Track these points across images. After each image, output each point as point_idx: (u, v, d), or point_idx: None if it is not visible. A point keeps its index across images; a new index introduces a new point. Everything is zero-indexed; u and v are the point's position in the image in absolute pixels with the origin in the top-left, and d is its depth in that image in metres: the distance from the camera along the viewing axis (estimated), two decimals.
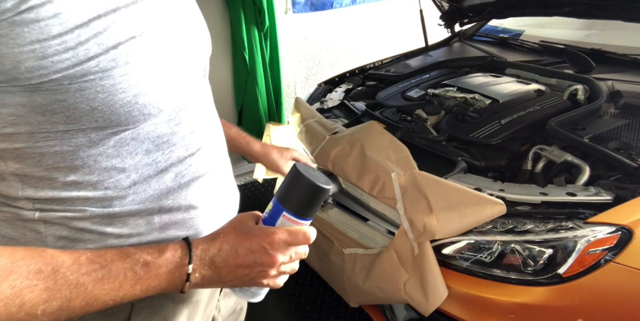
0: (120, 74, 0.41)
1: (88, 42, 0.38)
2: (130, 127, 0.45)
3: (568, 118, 1.28)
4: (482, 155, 1.26)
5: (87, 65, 0.39)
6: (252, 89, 2.34)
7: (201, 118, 0.56)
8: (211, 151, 0.59)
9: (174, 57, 0.48)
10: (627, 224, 0.95)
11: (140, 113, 0.45)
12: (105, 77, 0.40)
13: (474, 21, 2.24)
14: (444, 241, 1.07)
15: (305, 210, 0.51)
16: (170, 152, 0.51)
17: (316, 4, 2.59)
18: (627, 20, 1.57)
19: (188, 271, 0.46)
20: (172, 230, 0.55)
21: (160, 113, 0.47)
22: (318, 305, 1.65)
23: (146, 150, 0.49)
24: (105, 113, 0.42)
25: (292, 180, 0.50)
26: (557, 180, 1.11)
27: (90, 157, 0.45)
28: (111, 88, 0.41)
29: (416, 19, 2.09)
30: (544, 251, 0.99)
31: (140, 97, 0.43)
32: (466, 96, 1.57)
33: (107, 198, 0.49)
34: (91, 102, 0.40)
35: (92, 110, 0.41)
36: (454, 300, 1.05)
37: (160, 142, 0.50)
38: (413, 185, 1.12)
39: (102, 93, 0.40)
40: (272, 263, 0.49)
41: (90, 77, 0.39)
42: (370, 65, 2.12)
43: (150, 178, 0.51)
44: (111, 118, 0.42)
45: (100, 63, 0.39)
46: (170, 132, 0.50)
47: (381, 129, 1.35)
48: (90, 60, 0.39)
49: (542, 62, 1.81)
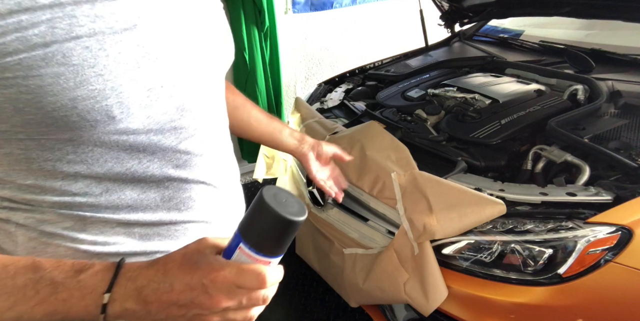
0: (51, 75, 0.37)
1: (7, 36, 0.35)
2: (83, 134, 0.41)
3: (568, 118, 1.28)
4: (482, 155, 1.26)
5: (5, 60, 0.35)
6: (252, 89, 2.34)
7: (200, 132, 0.52)
8: (210, 163, 0.55)
9: (160, 66, 0.44)
10: (627, 224, 0.95)
11: (83, 119, 0.40)
12: (29, 76, 0.36)
13: (474, 21, 2.24)
14: (444, 242, 1.07)
15: (267, 245, 0.40)
16: (148, 162, 0.48)
17: (316, 4, 2.59)
18: (627, 20, 1.57)
19: (104, 301, 0.38)
20: (154, 241, 0.52)
21: (118, 122, 0.42)
22: (318, 305, 1.65)
23: (117, 158, 0.45)
24: (35, 115, 0.38)
25: (254, 207, 0.40)
26: (557, 180, 1.11)
27: (47, 162, 0.43)
28: (38, 89, 0.37)
29: (416, 19, 2.09)
30: (544, 251, 0.99)
31: (80, 101, 0.39)
32: (466, 96, 1.57)
33: (76, 204, 0.46)
34: (14, 102, 0.37)
35: (18, 111, 0.38)
36: (454, 300, 1.05)
37: (135, 151, 0.46)
38: (413, 185, 1.12)
39: (27, 93, 0.37)
40: (212, 306, 0.39)
41: (8, 74, 0.36)
42: (370, 65, 2.12)
43: (125, 187, 0.48)
44: (46, 121, 0.39)
45: (23, 61, 0.36)
46: (149, 143, 0.47)
47: (381, 129, 1.35)
48: (8, 56, 0.35)
49: (542, 62, 1.81)
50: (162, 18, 0.45)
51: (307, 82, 2.83)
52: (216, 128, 0.57)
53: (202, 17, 0.51)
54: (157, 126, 0.46)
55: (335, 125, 1.48)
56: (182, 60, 0.47)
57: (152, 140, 0.47)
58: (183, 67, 0.48)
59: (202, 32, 0.51)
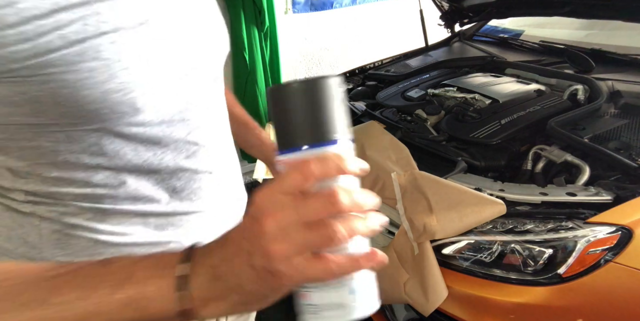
0: (86, 70, 0.39)
1: (50, 34, 0.37)
2: (108, 125, 0.43)
3: (568, 118, 1.28)
4: (482, 155, 1.26)
5: (49, 57, 0.37)
6: (252, 89, 2.34)
7: (204, 123, 0.54)
8: (215, 154, 0.57)
9: (171, 58, 0.47)
10: (627, 224, 0.95)
11: (112, 112, 0.42)
12: (69, 71, 0.38)
13: (474, 21, 2.24)
14: (444, 242, 1.07)
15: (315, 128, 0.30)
16: (162, 154, 0.50)
17: (316, 4, 2.59)
18: (627, 20, 1.57)
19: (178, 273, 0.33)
20: (168, 231, 0.55)
21: (140, 114, 0.44)
22: None
23: (135, 151, 0.47)
24: (71, 108, 0.41)
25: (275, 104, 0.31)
26: (557, 180, 1.11)
27: (72, 154, 0.44)
28: (75, 83, 0.39)
29: (416, 19, 2.09)
30: (544, 251, 0.99)
31: (110, 94, 0.41)
32: (466, 96, 1.57)
33: (96, 195, 0.48)
34: (54, 97, 0.39)
35: (56, 104, 0.40)
36: (454, 300, 1.05)
37: (151, 143, 0.48)
38: (413, 185, 1.12)
39: (66, 88, 0.39)
40: (260, 231, 0.30)
41: (52, 69, 0.38)
42: (370, 65, 2.12)
43: (142, 179, 0.50)
44: (79, 114, 0.41)
45: (63, 56, 0.38)
46: (163, 135, 0.49)
47: (381, 129, 1.35)
48: (52, 53, 0.37)
49: (542, 62, 1.81)
50: (169, 12, 0.47)
51: None
52: (218, 118, 0.59)
53: (202, 8, 0.53)
54: (168, 117, 0.48)
55: None
56: (190, 51, 0.50)
57: (165, 132, 0.49)
58: (191, 58, 0.50)
59: (203, 24, 0.53)
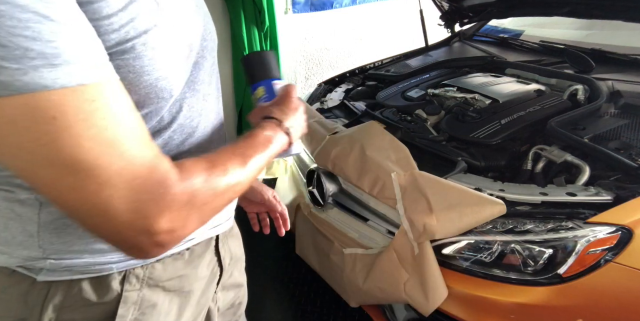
0: (148, 57, 0.43)
1: (128, 25, 0.40)
2: (144, 109, 0.47)
3: (568, 118, 1.28)
4: (482, 155, 1.26)
5: (126, 45, 0.41)
6: None
7: (201, 106, 0.57)
8: (207, 139, 0.60)
9: (184, 46, 0.50)
10: (627, 224, 0.95)
11: (157, 97, 0.47)
12: (137, 57, 0.42)
13: (474, 21, 2.24)
14: (444, 242, 1.07)
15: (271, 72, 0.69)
16: (168, 138, 0.53)
17: (316, 4, 2.59)
18: (627, 20, 1.57)
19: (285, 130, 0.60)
20: None
21: (170, 98, 0.49)
22: (318, 305, 1.65)
23: (158, 132, 0.51)
24: (132, 92, 0.43)
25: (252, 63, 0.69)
26: (557, 180, 1.11)
27: None
28: (140, 69, 0.43)
29: (416, 19, 2.09)
30: (544, 251, 0.99)
31: (160, 80, 0.46)
32: (466, 96, 1.57)
33: None
34: (123, 81, 0.41)
35: None
36: (454, 300, 1.05)
37: (160, 127, 0.51)
38: (413, 185, 1.12)
39: (133, 73, 0.43)
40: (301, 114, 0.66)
41: (126, 55, 0.41)
42: (370, 65, 2.12)
43: None
44: (133, 98, 0.43)
45: (135, 45, 0.42)
46: (170, 118, 0.52)
47: (381, 129, 1.35)
48: (128, 42, 0.41)
49: (542, 62, 1.81)
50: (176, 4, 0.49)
51: (307, 82, 2.83)
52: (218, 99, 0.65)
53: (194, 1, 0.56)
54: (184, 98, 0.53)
55: (335, 125, 1.48)
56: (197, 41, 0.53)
57: (174, 116, 0.53)
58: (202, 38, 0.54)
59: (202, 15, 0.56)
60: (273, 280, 1.79)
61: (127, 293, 0.54)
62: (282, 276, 1.78)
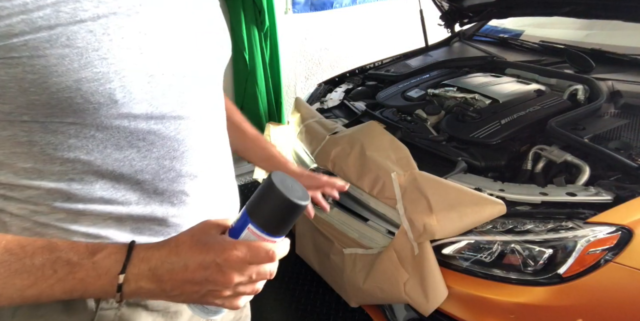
0: (56, 56, 0.38)
1: (12, 18, 0.36)
2: (86, 117, 0.43)
3: (568, 118, 1.28)
4: (482, 155, 1.26)
5: (12, 41, 0.37)
6: (252, 89, 2.34)
7: (198, 125, 0.52)
8: (205, 158, 0.55)
9: (168, 56, 0.46)
10: (627, 224, 0.95)
11: (86, 101, 0.41)
12: (35, 56, 0.38)
13: (474, 21, 2.24)
14: (444, 242, 1.07)
15: (274, 226, 0.44)
16: (147, 151, 0.48)
17: (316, 4, 2.59)
18: (627, 20, 1.57)
19: (119, 282, 0.41)
20: (145, 235, 0.52)
21: (120, 106, 0.43)
22: (318, 305, 1.65)
23: (117, 145, 0.46)
24: (40, 96, 0.40)
25: (264, 191, 0.44)
26: (557, 180, 1.11)
27: (49, 145, 0.43)
28: (43, 69, 0.38)
29: (416, 19, 2.09)
30: (544, 251, 0.99)
31: (84, 83, 0.40)
32: (466, 96, 1.57)
33: (71, 191, 0.46)
34: (20, 82, 0.38)
35: (24, 91, 0.39)
36: (454, 300, 1.05)
37: (135, 138, 0.47)
38: (413, 185, 1.12)
39: (32, 73, 0.38)
40: (226, 282, 0.42)
41: (15, 54, 0.37)
42: (370, 65, 2.12)
43: (121, 177, 0.48)
44: (50, 103, 0.40)
45: (28, 42, 0.37)
46: (149, 130, 0.47)
47: (381, 129, 1.35)
48: (14, 37, 0.37)
49: (542, 62, 1.81)
50: (162, 6, 0.46)
51: (307, 82, 2.83)
52: (214, 121, 0.57)
53: (201, 9, 0.52)
54: (158, 114, 0.47)
55: (335, 125, 1.48)
56: (183, 49, 0.48)
57: (152, 129, 0.47)
58: (183, 56, 0.49)
59: (201, 24, 0.52)
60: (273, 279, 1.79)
61: (103, 311, 0.50)
62: (282, 276, 1.78)
